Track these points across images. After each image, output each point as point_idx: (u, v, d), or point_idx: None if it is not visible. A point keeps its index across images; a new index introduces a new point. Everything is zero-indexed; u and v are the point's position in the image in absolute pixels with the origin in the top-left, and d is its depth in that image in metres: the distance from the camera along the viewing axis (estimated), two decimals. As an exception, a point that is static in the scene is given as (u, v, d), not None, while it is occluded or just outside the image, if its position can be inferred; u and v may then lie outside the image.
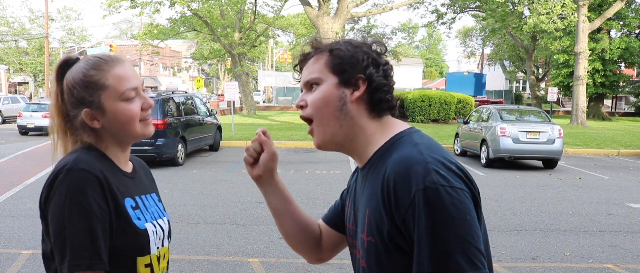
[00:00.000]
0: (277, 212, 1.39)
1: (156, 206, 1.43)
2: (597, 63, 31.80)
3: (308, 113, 1.18)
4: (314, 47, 1.20)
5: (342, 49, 1.15)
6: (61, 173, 1.22)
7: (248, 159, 1.33)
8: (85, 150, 1.31)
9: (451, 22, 33.53)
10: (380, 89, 1.15)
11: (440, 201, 0.98)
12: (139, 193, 1.39)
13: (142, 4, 24.32)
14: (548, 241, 5.77)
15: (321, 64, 1.16)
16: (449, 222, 0.98)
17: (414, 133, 1.15)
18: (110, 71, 1.30)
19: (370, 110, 1.16)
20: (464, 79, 37.20)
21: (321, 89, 1.16)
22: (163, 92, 12.11)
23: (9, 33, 44.42)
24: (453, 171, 1.03)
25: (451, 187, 1.00)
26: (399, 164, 1.05)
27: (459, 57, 72.08)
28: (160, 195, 1.55)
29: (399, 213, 1.02)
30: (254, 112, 31.89)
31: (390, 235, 1.05)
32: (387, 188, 1.04)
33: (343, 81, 1.15)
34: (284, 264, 4.84)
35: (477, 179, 9.98)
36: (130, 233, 1.28)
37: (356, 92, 1.14)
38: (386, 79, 1.16)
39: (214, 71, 61.84)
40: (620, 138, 18.89)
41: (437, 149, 1.09)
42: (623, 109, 48.51)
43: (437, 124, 23.86)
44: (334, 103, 1.15)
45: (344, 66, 1.14)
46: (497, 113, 12.34)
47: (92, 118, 1.31)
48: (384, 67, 1.17)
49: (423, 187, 0.99)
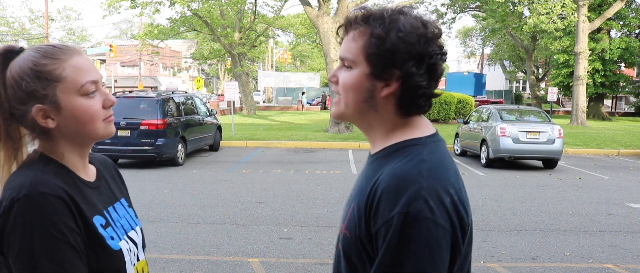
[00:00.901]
0: None
1: (127, 215, 1.28)
2: (597, 63, 31.81)
3: (337, 91, 1.12)
4: (359, 19, 1.07)
5: (383, 35, 1.02)
6: (17, 200, 1.02)
7: None
8: (39, 165, 1.11)
9: (451, 22, 33.60)
10: (414, 92, 1.05)
11: (417, 232, 0.93)
12: (107, 204, 1.22)
13: (142, 4, 24.31)
14: (548, 241, 5.77)
15: (358, 46, 1.05)
16: (416, 255, 0.93)
17: (430, 143, 1.07)
18: (67, 61, 1.11)
19: (398, 108, 1.08)
20: (464, 79, 37.21)
21: (353, 74, 1.07)
22: (163, 92, 12.09)
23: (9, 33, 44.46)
24: (444, 205, 0.96)
25: (434, 222, 0.94)
26: (393, 177, 0.99)
27: (459, 57, 72.09)
28: (160, 195, 1.52)
29: (375, 223, 0.98)
30: (254, 112, 31.88)
31: (361, 238, 1.02)
32: (373, 195, 1.01)
33: (376, 73, 1.05)
34: (284, 264, 4.84)
35: (477, 179, 10.00)
36: (104, 256, 1.12)
37: (386, 89, 1.05)
38: (428, 77, 1.05)
39: (214, 71, 61.85)
40: (620, 138, 18.89)
41: (442, 173, 1.01)
42: (623, 109, 48.54)
43: (437, 124, 23.85)
44: (362, 94, 1.07)
45: (380, 58, 1.03)
46: (497, 113, 12.34)
47: (45, 115, 1.11)
48: (431, 60, 1.04)
49: (406, 211, 0.94)
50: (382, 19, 1.04)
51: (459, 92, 27.37)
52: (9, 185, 1.07)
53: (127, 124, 10.58)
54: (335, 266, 1.15)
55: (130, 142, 10.63)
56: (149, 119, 10.66)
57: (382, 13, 1.05)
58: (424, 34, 1.03)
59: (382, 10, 1.06)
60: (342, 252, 1.09)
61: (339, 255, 1.12)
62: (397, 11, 1.05)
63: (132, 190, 1.46)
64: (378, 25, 1.03)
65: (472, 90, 35.04)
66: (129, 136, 10.63)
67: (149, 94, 11.48)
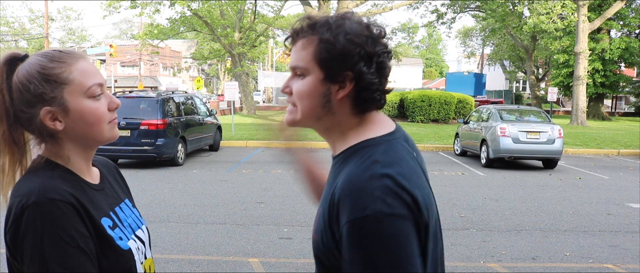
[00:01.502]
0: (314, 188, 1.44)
1: (132, 215, 1.30)
2: (597, 63, 31.82)
3: (292, 102, 1.14)
4: (305, 28, 1.09)
5: (331, 40, 1.05)
6: (27, 208, 1.04)
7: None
8: (46, 171, 1.13)
9: (451, 22, 33.52)
10: (368, 89, 1.07)
11: (380, 231, 0.94)
12: (112, 205, 1.24)
13: (142, 4, 24.32)
14: (548, 241, 5.77)
15: (309, 53, 1.07)
16: (384, 252, 0.94)
17: (383, 143, 1.08)
18: (73, 65, 1.15)
19: (353, 107, 1.10)
20: (464, 79, 37.22)
21: (306, 82, 1.09)
22: (163, 92, 12.09)
23: (9, 33, 44.47)
24: (401, 198, 0.97)
25: (392, 215, 0.94)
26: (347, 182, 1.00)
27: (459, 57, 72.10)
28: (160, 195, 1.53)
29: (338, 229, 1.00)
30: (254, 112, 31.87)
31: (329, 244, 1.04)
32: (332, 201, 1.02)
33: (329, 77, 1.07)
34: (284, 264, 4.84)
35: (477, 179, 10.00)
36: (115, 256, 1.14)
37: (342, 91, 1.08)
38: (378, 75, 1.07)
39: (214, 71, 61.86)
40: (620, 138, 18.89)
41: (396, 171, 1.01)
42: (623, 109, 48.56)
43: (437, 124, 23.87)
44: (318, 99, 1.09)
45: (332, 62, 1.05)
46: (497, 113, 12.34)
47: (53, 117, 1.13)
48: (379, 58, 1.07)
49: (364, 215, 0.95)
50: (328, 24, 1.07)
51: (459, 92, 27.40)
52: (17, 192, 1.09)
53: (127, 124, 10.58)
54: None
55: (130, 142, 10.62)
56: (149, 119, 10.66)
57: (327, 19, 1.08)
58: (369, 35, 1.06)
59: (326, 17, 1.09)
60: (314, 256, 1.11)
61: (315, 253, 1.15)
62: (340, 16, 1.09)
63: (132, 190, 1.47)
64: (325, 31, 1.06)
65: (472, 90, 35.06)
66: (129, 136, 10.63)
67: (149, 94, 11.47)
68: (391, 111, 25.77)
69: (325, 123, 1.13)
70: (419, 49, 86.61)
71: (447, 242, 5.61)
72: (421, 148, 15.06)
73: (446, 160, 12.94)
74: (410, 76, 56.24)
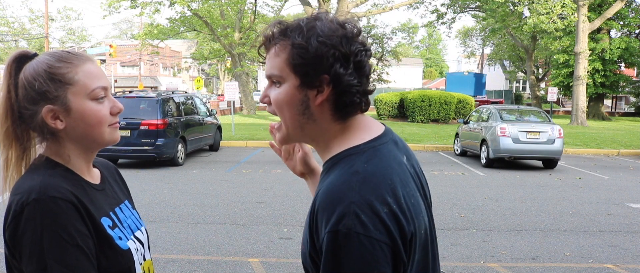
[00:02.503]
0: None
1: (132, 217, 1.30)
2: (597, 63, 31.82)
3: (272, 111, 1.11)
4: (276, 34, 1.06)
5: (303, 44, 1.01)
6: (27, 205, 1.04)
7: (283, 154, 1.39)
8: (47, 170, 1.13)
9: (451, 22, 33.54)
10: (347, 92, 1.03)
11: (350, 249, 0.91)
12: (112, 206, 1.24)
13: (142, 4, 24.32)
14: (548, 241, 5.77)
15: (282, 60, 1.03)
16: (351, 270, 0.91)
17: (367, 150, 1.04)
18: (80, 66, 1.16)
19: (334, 112, 1.05)
20: (464, 79, 37.23)
21: (283, 90, 1.05)
22: (163, 92, 12.09)
23: (9, 33, 44.49)
24: (379, 217, 0.93)
25: (367, 237, 0.91)
26: (325, 194, 0.97)
27: (459, 57, 72.09)
28: (160, 195, 1.53)
29: (317, 239, 0.98)
30: (254, 112, 31.89)
31: (311, 254, 1.03)
32: (313, 212, 1.00)
33: (306, 82, 1.03)
34: (284, 264, 4.84)
35: (477, 179, 10.00)
36: (114, 256, 1.15)
37: (320, 96, 1.03)
38: (357, 75, 1.03)
39: (214, 71, 61.85)
40: (620, 138, 18.89)
41: (377, 184, 0.97)
42: (623, 109, 48.57)
43: (437, 124, 23.87)
44: (296, 107, 1.05)
45: (307, 67, 1.01)
46: (497, 113, 12.34)
47: (55, 116, 1.14)
48: (356, 58, 1.02)
49: (336, 230, 0.92)
50: (300, 28, 1.03)
51: (459, 92, 27.41)
52: (17, 189, 1.09)
53: (127, 124, 10.57)
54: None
55: (130, 142, 10.62)
56: (149, 119, 10.66)
57: (298, 23, 1.04)
58: (344, 35, 1.02)
59: (297, 20, 1.05)
60: (303, 265, 1.10)
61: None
62: (312, 18, 1.05)
63: (132, 190, 1.47)
64: (297, 35, 1.02)
65: (472, 90, 35.08)
66: (129, 136, 10.63)
67: (149, 94, 11.47)
68: (391, 111, 25.78)
69: (309, 132, 1.09)
70: (419, 49, 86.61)
71: (447, 242, 5.61)
72: (421, 148, 15.06)
73: (446, 160, 12.94)
74: (410, 76, 56.30)
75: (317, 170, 1.39)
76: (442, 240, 5.66)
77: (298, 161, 1.39)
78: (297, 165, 1.40)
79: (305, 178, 1.41)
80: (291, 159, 1.40)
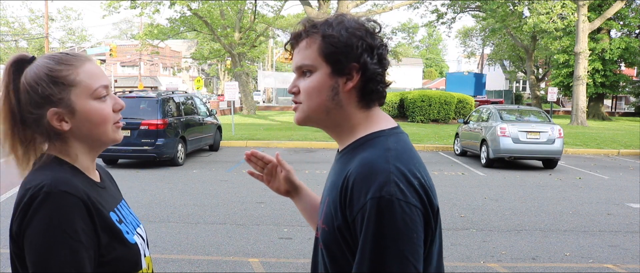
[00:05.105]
0: (311, 215, 1.46)
1: (131, 215, 1.33)
2: (597, 63, 31.82)
3: (300, 100, 1.16)
4: (306, 28, 1.14)
5: (335, 34, 1.10)
6: (38, 195, 1.06)
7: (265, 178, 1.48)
8: (55, 166, 1.15)
9: (451, 22, 33.52)
10: (373, 79, 1.12)
11: (392, 213, 0.98)
12: (115, 203, 1.27)
13: (142, 4, 24.30)
14: (548, 241, 5.77)
15: (314, 51, 1.12)
16: (395, 236, 0.98)
17: (392, 135, 1.14)
18: (80, 67, 1.18)
19: (360, 99, 1.14)
20: (464, 79, 37.22)
21: (314, 78, 1.13)
22: (163, 92, 12.08)
23: (9, 33, 44.47)
24: (413, 186, 1.02)
25: (406, 202, 1.00)
26: (362, 166, 1.05)
27: (459, 57, 72.07)
28: (160, 195, 1.54)
29: (351, 213, 1.03)
30: (254, 112, 31.88)
31: (340, 229, 1.07)
32: (346, 186, 1.05)
33: (337, 70, 1.11)
34: (284, 264, 4.84)
35: (477, 179, 10.00)
36: (124, 249, 1.17)
37: (350, 83, 1.12)
38: (380, 65, 1.13)
39: (214, 71, 61.83)
40: (620, 138, 18.89)
41: (407, 159, 1.07)
42: (623, 109, 48.57)
43: (437, 124, 23.87)
44: (327, 93, 1.13)
45: (338, 55, 1.10)
46: (497, 113, 12.34)
47: (60, 118, 1.16)
48: (379, 50, 1.13)
49: (379, 196, 0.99)
50: (329, 23, 1.12)
51: (459, 92, 27.40)
52: (28, 183, 1.11)
53: (127, 124, 10.56)
54: (314, 262, 1.22)
55: (130, 142, 10.61)
56: (149, 119, 10.66)
57: (326, 19, 1.14)
58: (367, 29, 1.13)
59: (325, 17, 1.15)
60: (322, 245, 1.13)
61: (318, 249, 1.18)
62: (338, 15, 1.15)
63: (132, 190, 1.48)
64: (327, 28, 1.11)
65: (472, 90, 35.07)
66: (129, 136, 10.62)
67: (149, 94, 11.47)
68: (391, 111, 25.77)
69: (334, 117, 1.16)
70: (419, 49, 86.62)
71: (447, 242, 5.61)
72: (421, 148, 15.07)
73: (446, 160, 12.93)
74: (410, 76, 56.28)
75: (302, 187, 1.47)
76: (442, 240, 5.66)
77: (282, 180, 1.45)
78: (282, 185, 1.46)
79: (291, 196, 1.48)
80: (274, 180, 1.47)
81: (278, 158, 1.45)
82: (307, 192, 1.48)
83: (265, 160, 1.46)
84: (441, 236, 1.14)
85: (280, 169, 1.45)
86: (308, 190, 1.49)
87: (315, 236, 1.24)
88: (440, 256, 1.14)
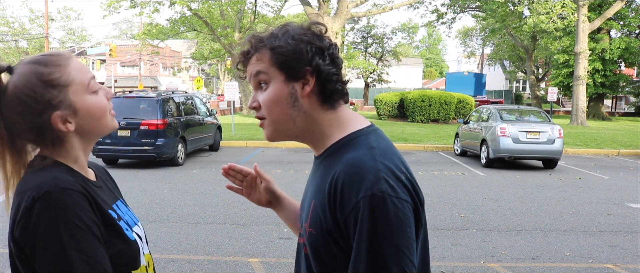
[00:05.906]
0: (294, 223, 1.46)
1: (129, 213, 1.32)
2: (597, 63, 31.82)
3: (262, 114, 1.17)
4: (253, 44, 1.15)
5: (282, 44, 1.11)
6: (39, 199, 1.03)
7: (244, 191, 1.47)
8: (52, 167, 1.13)
9: (451, 22, 33.57)
10: (330, 80, 1.13)
11: (385, 210, 1.00)
12: (112, 202, 1.26)
13: (142, 4, 24.31)
14: (548, 241, 5.77)
15: (266, 62, 1.12)
16: (389, 231, 0.99)
17: (371, 133, 1.14)
18: (69, 65, 1.15)
19: (323, 102, 1.14)
20: (464, 79, 37.24)
21: (271, 89, 1.13)
22: (163, 92, 12.09)
23: (9, 33, 44.43)
24: (402, 182, 1.04)
25: (397, 198, 1.01)
26: (350, 166, 1.05)
27: (459, 57, 72.08)
28: (160, 195, 1.53)
29: (342, 214, 1.03)
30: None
31: (329, 231, 1.07)
32: (334, 187, 1.05)
33: (291, 76, 1.11)
34: (284, 264, 4.84)
35: (477, 179, 10.00)
36: (123, 246, 1.16)
37: (307, 87, 1.12)
38: (334, 65, 1.13)
39: (214, 71, 61.82)
40: (620, 138, 18.90)
41: (391, 155, 1.08)
42: (623, 109, 48.57)
43: (437, 124, 23.87)
44: (286, 101, 1.13)
45: (289, 62, 1.10)
46: (497, 113, 12.34)
47: (64, 120, 1.14)
48: (329, 51, 1.13)
49: (371, 194, 1.00)
50: (274, 34, 1.13)
51: (459, 92, 27.41)
52: (25, 187, 1.08)
53: (127, 124, 10.57)
54: (297, 264, 1.22)
55: (130, 142, 10.62)
56: (149, 119, 10.66)
57: (271, 32, 1.15)
58: (313, 33, 1.14)
59: (269, 31, 1.16)
60: (309, 249, 1.13)
61: (302, 254, 1.18)
62: (282, 25, 1.15)
63: (132, 190, 1.48)
64: (274, 40, 1.12)
65: (472, 90, 35.08)
66: (129, 136, 10.63)
67: (149, 94, 11.47)
68: (391, 111, 25.79)
69: (301, 124, 1.15)
70: (419, 49, 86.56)
71: (447, 242, 5.61)
72: (421, 148, 15.08)
73: (446, 160, 12.94)
74: (410, 76, 56.34)
75: (283, 196, 1.47)
76: (442, 240, 5.66)
77: (262, 191, 1.45)
78: (263, 196, 1.46)
79: (273, 207, 1.48)
80: (254, 192, 1.47)
81: (256, 170, 1.44)
82: (289, 201, 1.48)
83: (243, 173, 1.45)
84: (426, 227, 1.16)
85: (260, 180, 1.45)
86: (289, 199, 1.49)
87: (298, 242, 1.23)
88: (425, 246, 1.14)
